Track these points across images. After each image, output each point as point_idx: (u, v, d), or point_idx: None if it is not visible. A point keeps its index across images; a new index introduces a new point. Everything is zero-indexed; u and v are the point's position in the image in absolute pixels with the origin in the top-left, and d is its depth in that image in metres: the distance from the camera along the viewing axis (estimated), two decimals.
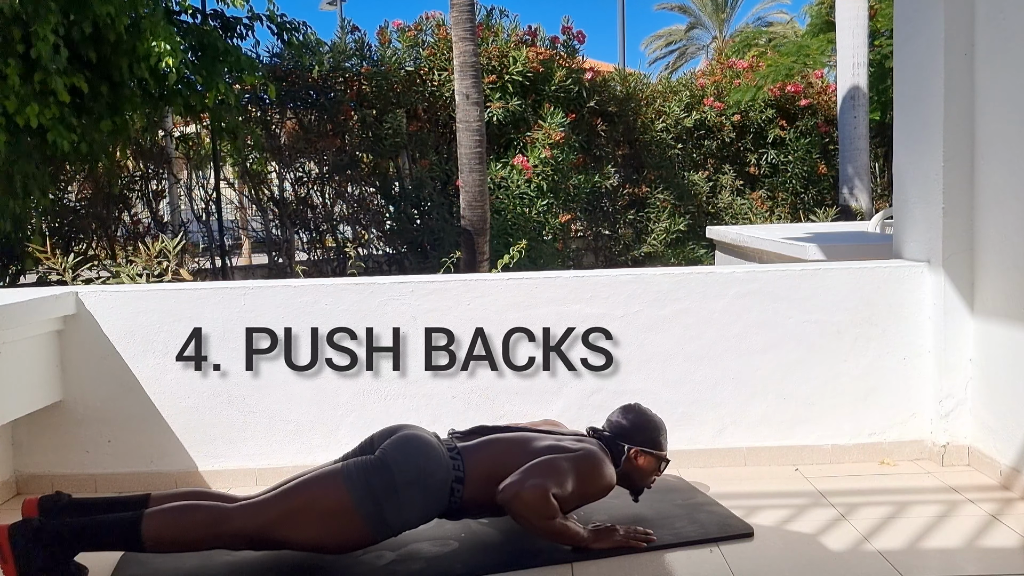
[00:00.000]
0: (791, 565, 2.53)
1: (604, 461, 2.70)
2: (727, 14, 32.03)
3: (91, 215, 8.68)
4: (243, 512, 2.48)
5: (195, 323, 3.38)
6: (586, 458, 2.66)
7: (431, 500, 2.54)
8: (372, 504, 2.46)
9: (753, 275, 3.48)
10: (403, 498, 2.49)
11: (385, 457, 2.53)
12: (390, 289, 3.41)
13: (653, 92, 10.60)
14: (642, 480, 2.86)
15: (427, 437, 2.64)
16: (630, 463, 2.81)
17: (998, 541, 2.65)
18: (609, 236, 10.28)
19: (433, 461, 2.55)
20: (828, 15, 12.43)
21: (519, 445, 2.68)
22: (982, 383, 3.28)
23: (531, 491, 2.51)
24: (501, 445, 2.68)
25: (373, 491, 2.47)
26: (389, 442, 2.59)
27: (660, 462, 2.87)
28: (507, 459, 2.63)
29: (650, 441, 2.84)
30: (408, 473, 2.50)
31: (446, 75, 8.96)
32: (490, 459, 2.63)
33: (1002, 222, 3.10)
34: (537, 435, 2.77)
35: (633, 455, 2.81)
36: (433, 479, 2.53)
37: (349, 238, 9.35)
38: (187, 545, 2.48)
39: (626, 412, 2.92)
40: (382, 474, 2.49)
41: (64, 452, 3.39)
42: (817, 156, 10.71)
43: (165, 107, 7.26)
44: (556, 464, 2.59)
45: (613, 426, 2.89)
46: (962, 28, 3.23)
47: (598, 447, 2.75)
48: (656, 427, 2.89)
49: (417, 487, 2.50)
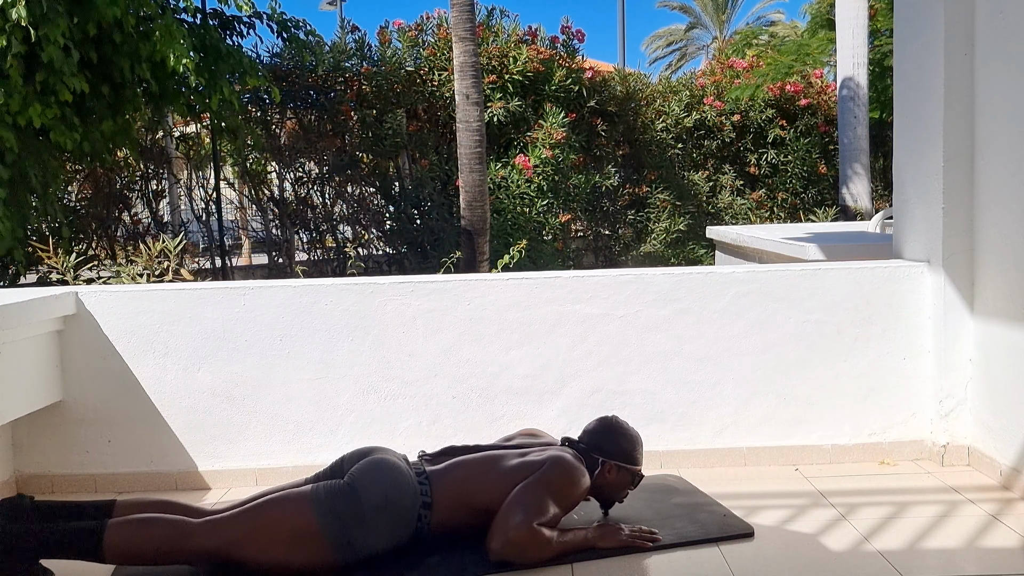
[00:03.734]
0: (791, 565, 2.53)
1: (574, 466, 2.66)
2: (727, 14, 32.04)
3: (91, 215, 8.68)
4: (206, 528, 2.44)
5: (195, 323, 3.38)
6: (555, 468, 2.62)
7: (398, 526, 2.52)
8: (338, 529, 2.44)
9: (753, 275, 3.48)
10: (370, 524, 2.47)
11: (353, 482, 2.51)
12: (390, 289, 3.41)
13: (653, 92, 10.60)
14: (613, 494, 2.84)
15: (395, 463, 2.60)
16: (603, 477, 2.78)
17: (998, 541, 2.65)
18: (609, 236, 10.28)
19: (400, 487, 2.53)
20: (828, 14, 12.44)
21: (487, 466, 2.66)
22: (982, 383, 3.28)
23: (517, 532, 2.49)
24: (469, 468, 2.66)
25: (340, 516, 2.45)
26: (358, 467, 2.56)
27: (634, 476, 2.84)
28: (475, 481, 2.61)
29: (624, 455, 2.81)
30: (375, 499, 2.48)
31: (446, 75, 8.96)
32: (457, 483, 2.61)
33: (1002, 222, 3.10)
34: (505, 453, 2.73)
35: (607, 469, 2.78)
36: (400, 505, 2.51)
37: (349, 238, 9.35)
38: (147, 559, 2.44)
39: (602, 424, 2.88)
40: (349, 500, 2.47)
41: (64, 452, 3.39)
42: (817, 156, 10.71)
43: (167, 107, 7.26)
44: (529, 495, 2.55)
45: (588, 436, 2.85)
46: (962, 28, 3.23)
47: (572, 455, 2.71)
48: (632, 441, 2.85)
49: (384, 514, 2.49)
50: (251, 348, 3.38)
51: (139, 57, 5.91)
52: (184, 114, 7.39)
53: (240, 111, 7.53)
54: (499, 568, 2.51)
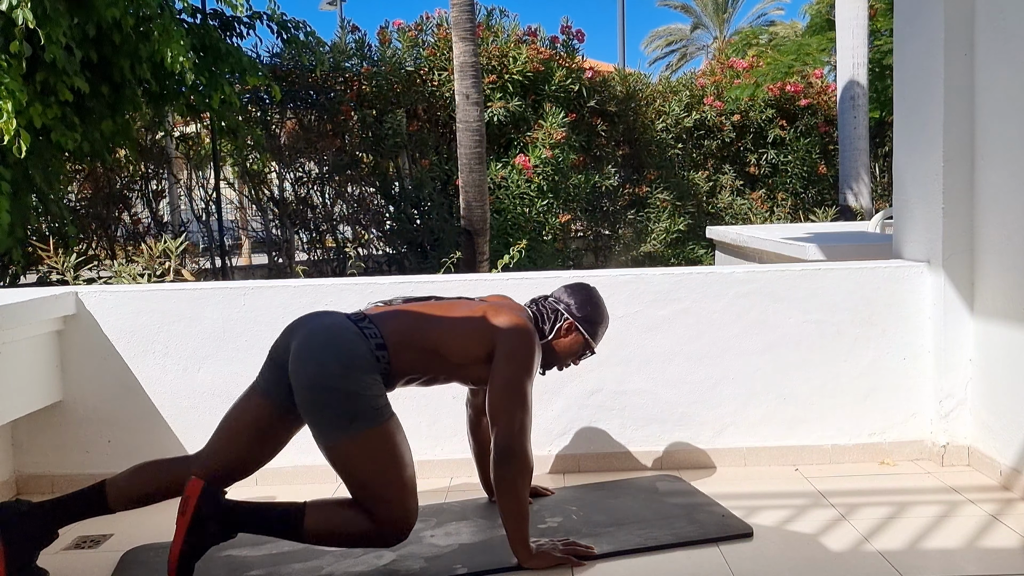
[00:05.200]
0: (791, 565, 2.53)
1: (529, 336, 2.59)
2: (728, 14, 32.04)
3: (91, 215, 8.68)
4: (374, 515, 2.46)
5: (195, 323, 3.38)
6: (518, 347, 2.55)
7: (369, 371, 2.46)
8: (349, 418, 2.40)
9: (753, 275, 3.48)
10: (352, 387, 2.41)
11: (309, 380, 2.43)
12: (390, 289, 3.41)
13: (653, 92, 10.60)
14: (560, 357, 2.77)
15: (323, 324, 2.52)
16: (558, 333, 2.73)
17: (998, 541, 2.65)
18: (609, 236, 10.28)
19: (342, 341, 2.46)
20: (828, 14, 12.44)
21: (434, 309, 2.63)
22: (982, 383, 3.28)
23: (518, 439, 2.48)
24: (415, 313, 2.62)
25: (338, 413, 2.41)
26: (297, 358, 2.46)
27: (585, 349, 2.78)
28: (420, 321, 2.58)
29: (589, 323, 2.76)
30: (336, 371, 2.41)
31: (446, 75, 8.96)
32: (406, 326, 2.56)
33: (1002, 222, 3.10)
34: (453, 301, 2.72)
35: (565, 327, 2.73)
36: (357, 356, 2.45)
37: (349, 238, 9.35)
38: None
39: (579, 288, 2.82)
40: (323, 396, 2.41)
41: (64, 452, 3.39)
42: (817, 156, 10.71)
43: (167, 107, 7.27)
44: (519, 393, 2.51)
45: (559, 295, 2.80)
46: (962, 28, 3.23)
47: (524, 315, 2.66)
48: (601, 315, 2.80)
49: (353, 372, 2.43)
50: (251, 348, 3.38)
51: (139, 57, 5.92)
52: (184, 114, 7.39)
53: (240, 111, 7.54)
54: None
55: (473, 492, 3.18)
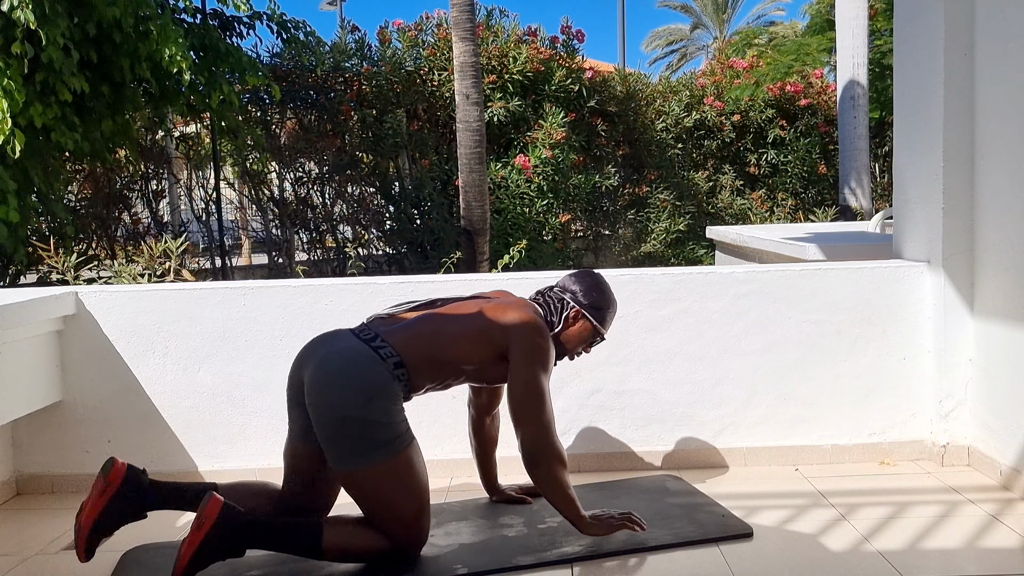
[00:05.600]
0: (791, 565, 2.53)
1: (541, 332, 2.60)
2: (728, 14, 32.04)
3: (91, 215, 8.68)
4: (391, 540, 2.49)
5: (195, 323, 3.38)
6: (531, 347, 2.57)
7: (391, 394, 2.47)
8: (374, 449, 2.41)
9: (753, 275, 3.48)
10: (377, 417, 2.42)
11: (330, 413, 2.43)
12: (390, 289, 3.41)
13: (653, 92, 10.60)
14: (569, 345, 2.76)
15: (336, 352, 2.50)
16: (566, 322, 2.73)
17: (998, 541, 2.65)
18: (609, 236, 10.28)
19: (360, 369, 2.45)
20: (828, 14, 12.44)
21: (446, 320, 2.63)
22: (982, 383, 3.28)
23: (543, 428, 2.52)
24: (428, 323, 2.62)
25: (359, 442, 2.41)
26: (315, 393, 2.45)
27: (595, 335, 2.78)
28: (434, 335, 2.58)
29: (596, 310, 2.74)
30: (358, 402, 2.41)
31: (446, 75, 8.96)
32: (418, 338, 2.55)
33: (1002, 222, 3.10)
34: (460, 305, 2.71)
35: (572, 315, 2.73)
36: (377, 382, 2.45)
37: (349, 238, 9.35)
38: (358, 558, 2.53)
39: (584, 275, 2.81)
40: (344, 427, 2.41)
41: (64, 452, 3.39)
42: (817, 156, 10.71)
43: (166, 107, 7.27)
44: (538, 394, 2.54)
45: (564, 284, 2.79)
46: (962, 28, 3.23)
47: (531, 311, 2.66)
48: (608, 300, 2.78)
49: (375, 400, 2.43)
50: (251, 348, 3.38)
51: (139, 57, 5.93)
52: (184, 114, 7.40)
53: (240, 111, 7.54)
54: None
55: (473, 492, 3.18)
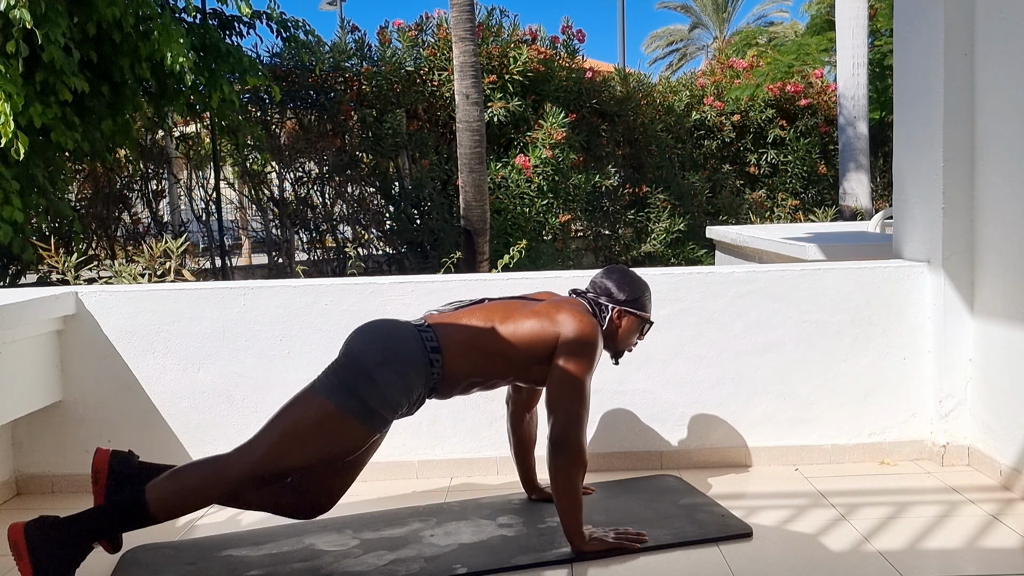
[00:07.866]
0: (791, 565, 2.53)
1: (591, 331, 2.63)
2: (728, 14, 32.03)
3: (91, 215, 8.68)
4: (238, 455, 2.49)
5: (195, 323, 3.38)
6: (579, 343, 2.59)
7: (411, 374, 2.50)
8: (352, 399, 2.44)
9: (753, 275, 3.48)
10: (379, 380, 2.46)
11: (348, 351, 2.54)
12: (390, 289, 3.41)
13: (653, 92, 10.60)
14: (623, 343, 2.82)
15: (386, 320, 2.66)
16: (612, 324, 2.76)
17: (998, 541, 2.65)
18: (609, 236, 10.28)
19: (396, 337, 2.53)
20: (828, 14, 12.45)
21: (494, 311, 2.67)
22: (982, 383, 3.28)
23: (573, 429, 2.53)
24: (475, 315, 2.66)
25: (347, 385, 2.46)
26: (349, 337, 2.60)
27: (644, 323, 2.82)
28: (483, 326, 2.61)
29: (634, 301, 2.79)
30: (375, 355, 2.48)
31: (446, 75, 8.96)
32: (465, 328, 2.60)
33: (1002, 222, 3.10)
34: (510, 301, 2.75)
35: (616, 315, 2.76)
36: (404, 351, 2.50)
37: (349, 238, 9.35)
38: (193, 505, 2.51)
39: (610, 272, 2.85)
40: (350, 366, 2.49)
41: (64, 452, 3.39)
42: (817, 156, 10.71)
43: (166, 107, 7.27)
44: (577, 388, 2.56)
45: (597, 286, 2.82)
46: (962, 28, 3.23)
47: (581, 310, 2.69)
48: (640, 287, 2.82)
49: (390, 365, 2.47)
50: (251, 348, 3.38)
51: (139, 57, 5.93)
52: (184, 113, 7.40)
53: (240, 111, 7.54)
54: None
55: (473, 492, 3.19)
